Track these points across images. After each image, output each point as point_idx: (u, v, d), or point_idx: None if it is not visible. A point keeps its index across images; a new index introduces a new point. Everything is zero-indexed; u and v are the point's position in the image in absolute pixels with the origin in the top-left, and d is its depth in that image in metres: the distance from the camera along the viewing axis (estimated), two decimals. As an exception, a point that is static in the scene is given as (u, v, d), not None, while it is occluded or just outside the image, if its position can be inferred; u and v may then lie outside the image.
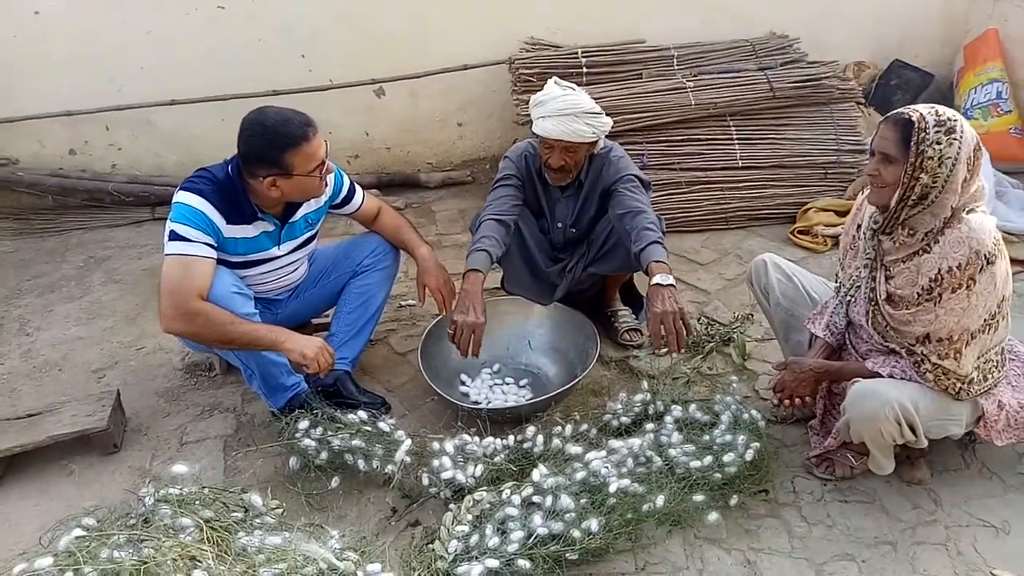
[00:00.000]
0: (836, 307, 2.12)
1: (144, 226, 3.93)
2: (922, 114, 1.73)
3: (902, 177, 1.75)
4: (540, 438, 2.13)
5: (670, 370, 2.56)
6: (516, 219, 2.51)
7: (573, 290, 2.69)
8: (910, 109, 1.78)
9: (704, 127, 3.74)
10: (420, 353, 2.42)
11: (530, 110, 2.40)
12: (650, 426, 2.17)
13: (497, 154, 4.06)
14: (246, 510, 1.88)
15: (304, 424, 2.12)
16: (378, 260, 2.50)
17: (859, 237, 2.03)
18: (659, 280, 2.16)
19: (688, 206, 3.63)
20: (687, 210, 3.62)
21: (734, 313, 2.86)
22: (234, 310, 2.06)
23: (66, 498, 2.13)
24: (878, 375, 1.93)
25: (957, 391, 1.84)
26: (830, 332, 2.13)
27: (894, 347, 1.94)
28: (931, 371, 1.83)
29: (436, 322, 2.53)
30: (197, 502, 1.83)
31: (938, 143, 1.71)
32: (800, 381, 2.05)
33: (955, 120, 1.73)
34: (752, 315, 2.80)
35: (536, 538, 1.78)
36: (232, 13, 3.90)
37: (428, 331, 2.51)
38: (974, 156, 1.74)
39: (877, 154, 1.81)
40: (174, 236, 2.03)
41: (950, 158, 1.71)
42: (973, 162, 1.75)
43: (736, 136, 3.73)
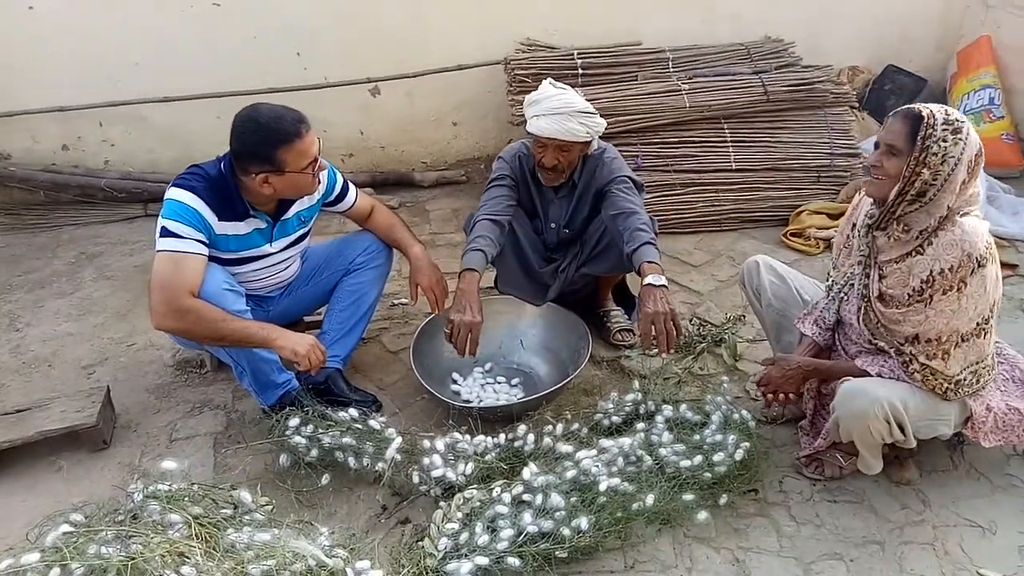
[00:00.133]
0: (827, 304, 2.13)
1: (136, 222, 3.92)
2: (932, 111, 1.76)
3: (904, 170, 1.77)
4: (531, 437, 2.13)
5: (661, 370, 2.56)
6: (510, 219, 2.51)
7: (566, 290, 2.70)
8: (921, 105, 1.80)
9: (698, 129, 3.75)
10: (412, 351, 2.41)
11: (524, 109, 2.41)
12: (641, 425, 2.18)
13: (492, 154, 4.05)
14: (235, 507, 1.88)
15: (295, 421, 2.12)
16: (371, 258, 2.50)
17: (853, 236, 2.04)
18: (651, 281, 2.16)
19: (681, 208, 3.64)
20: (680, 212, 3.63)
21: (726, 314, 2.87)
22: (225, 307, 2.06)
23: (54, 494, 2.12)
24: (867, 374, 1.95)
25: (944, 391, 1.85)
26: (819, 329, 2.14)
27: (883, 346, 1.95)
28: (919, 371, 1.85)
29: (428, 320, 2.53)
30: (186, 498, 1.83)
31: (944, 141, 1.73)
32: (787, 378, 2.06)
33: (962, 122, 1.75)
34: (744, 316, 2.81)
35: (526, 536, 1.79)
36: (228, 10, 3.89)
37: (420, 329, 2.51)
38: (975, 161, 1.76)
39: (882, 145, 1.83)
40: (165, 232, 2.02)
41: (953, 157, 1.73)
42: (973, 166, 1.77)
43: (730, 139, 3.74)
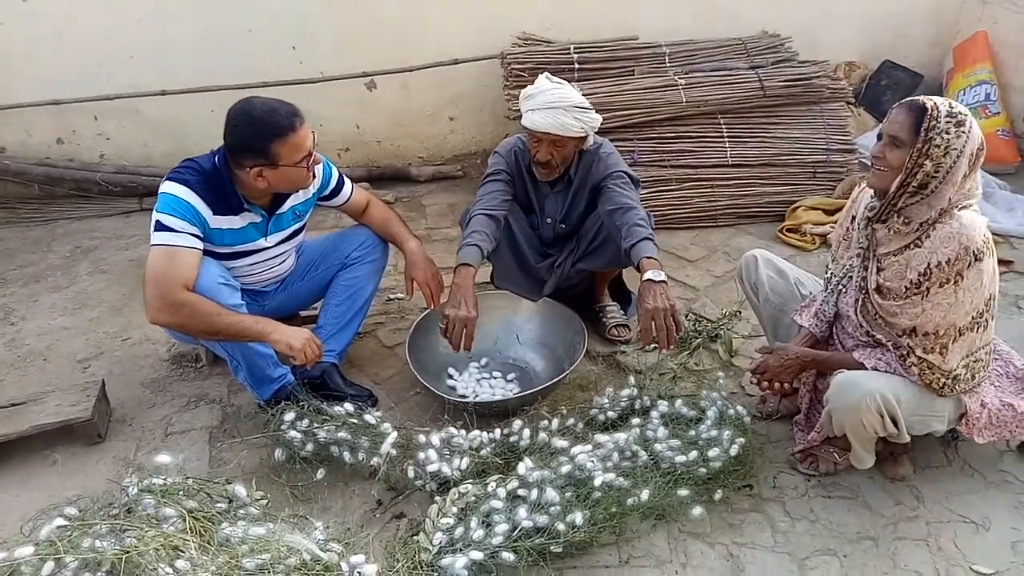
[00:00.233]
0: (826, 297, 2.13)
1: (132, 216, 3.91)
2: (936, 103, 1.76)
3: (907, 162, 1.77)
4: (526, 432, 2.13)
5: (657, 365, 2.56)
6: (506, 214, 2.51)
7: (562, 285, 2.69)
8: (925, 97, 1.80)
9: (695, 124, 3.75)
10: (408, 346, 2.41)
11: (520, 103, 2.40)
12: (636, 421, 2.18)
13: (488, 149, 4.06)
14: (230, 501, 1.88)
15: (290, 416, 2.12)
16: (367, 253, 2.50)
17: (853, 228, 2.04)
18: (651, 276, 2.16)
19: (678, 203, 3.64)
20: (676, 207, 3.63)
21: (722, 310, 2.87)
22: (220, 301, 2.05)
23: (49, 488, 2.11)
24: (863, 367, 1.95)
25: (941, 386, 1.85)
26: (818, 321, 2.14)
27: (881, 338, 1.95)
28: (916, 364, 1.85)
29: (424, 315, 2.53)
30: (181, 492, 1.83)
31: (947, 132, 1.73)
32: (785, 367, 2.06)
33: (966, 115, 1.76)
34: (740, 312, 2.82)
35: (521, 531, 1.79)
36: (223, 3, 3.88)
37: (416, 324, 2.50)
38: (977, 154, 1.77)
39: (885, 136, 1.83)
40: (160, 226, 2.02)
41: (956, 149, 1.73)
42: (975, 159, 1.77)
43: (726, 134, 3.74)
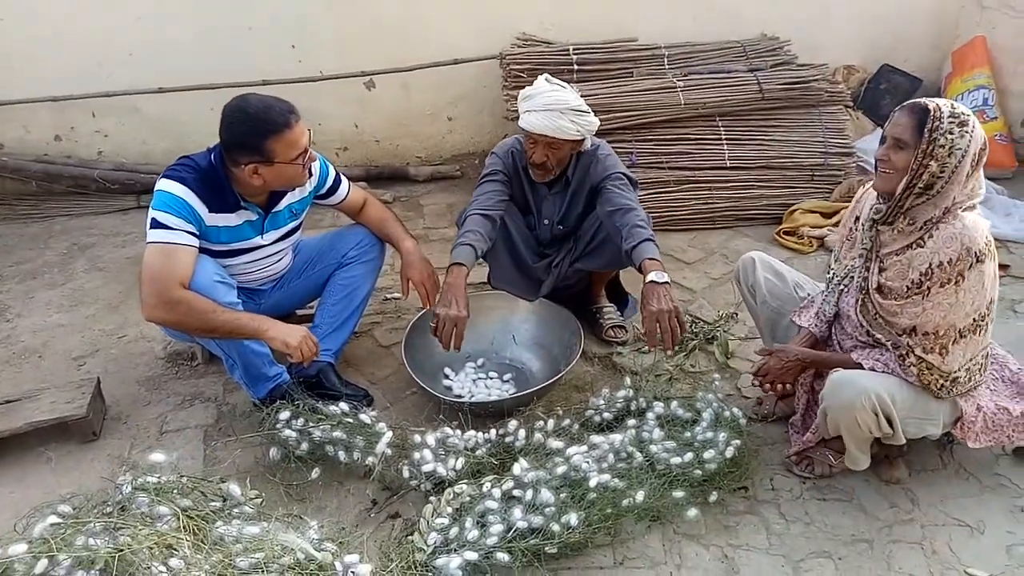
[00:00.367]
0: (827, 296, 2.12)
1: (129, 214, 3.90)
2: (938, 104, 1.77)
3: (911, 163, 1.77)
4: (522, 432, 2.13)
5: (653, 367, 2.56)
6: (502, 214, 2.50)
7: (559, 286, 2.69)
8: (927, 99, 1.81)
9: (693, 127, 3.75)
10: (404, 346, 2.41)
11: (518, 104, 2.40)
12: (632, 422, 2.18)
13: (487, 149, 4.04)
14: (224, 499, 1.88)
15: (285, 415, 2.12)
16: (363, 252, 2.50)
17: (856, 229, 2.04)
18: (654, 278, 2.15)
19: (675, 205, 3.64)
20: (674, 209, 3.63)
21: (718, 312, 2.87)
22: (217, 299, 2.05)
23: (43, 485, 2.11)
24: (862, 367, 1.94)
25: (939, 387, 1.85)
26: (818, 321, 2.14)
27: (880, 338, 1.94)
28: (915, 364, 1.84)
29: (420, 315, 2.53)
30: (175, 491, 1.82)
31: (950, 133, 1.74)
32: (786, 369, 2.06)
33: (968, 116, 1.76)
34: (736, 314, 2.82)
35: (516, 531, 1.79)
36: (223, 1, 3.87)
37: (412, 324, 2.50)
38: (980, 154, 1.77)
39: (889, 139, 1.83)
40: (155, 224, 2.02)
41: (960, 149, 1.74)
42: (978, 159, 1.78)
43: (724, 136, 3.74)
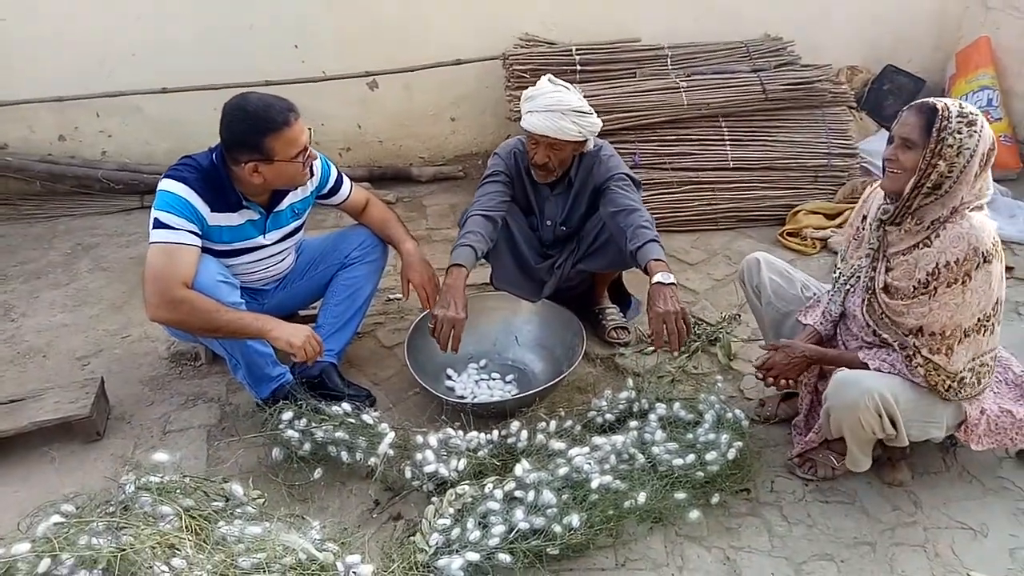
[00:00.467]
0: (833, 295, 2.12)
1: (133, 214, 3.91)
2: (946, 104, 1.76)
3: (920, 163, 1.77)
4: (524, 433, 2.13)
5: (655, 368, 2.56)
6: (504, 215, 2.50)
7: (562, 287, 2.69)
8: (935, 99, 1.80)
9: (696, 127, 3.74)
10: (407, 347, 2.41)
11: (521, 104, 2.40)
12: (634, 424, 2.18)
13: (489, 150, 4.04)
14: (227, 499, 1.88)
15: (288, 415, 2.12)
16: (366, 253, 2.50)
17: (864, 228, 2.04)
18: (660, 279, 2.15)
19: (678, 206, 3.63)
20: (677, 210, 3.63)
21: (721, 313, 2.87)
22: (220, 299, 2.05)
23: (47, 485, 2.11)
24: (867, 367, 1.94)
25: (947, 388, 1.84)
26: (824, 320, 2.13)
27: (887, 337, 1.94)
28: (922, 365, 1.84)
29: (423, 316, 2.52)
30: (178, 491, 1.83)
31: (959, 132, 1.73)
32: (792, 364, 2.06)
33: (976, 115, 1.76)
34: (739, 315, 2.81)
35: (517, 532, 1.79)
36: (225, 2, 3.87)
37: (415, 325, 2.50)
38: (988, 154, 1.77)
39: (897, 139, 1.82)
40: (158, 224, 2.02)
41: (968, 149, 1.73)
42: (986, 159, 1.77)
43: (728, 137, 3.73)
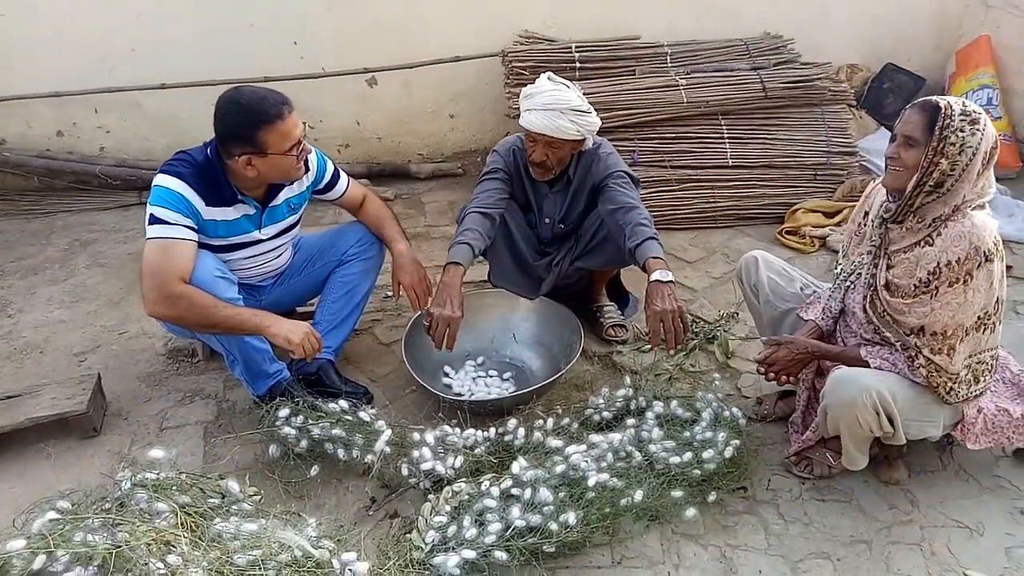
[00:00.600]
0: (834, 291, 2.12)
1: (131, 210, 3.90)
2: (949, 102, 1.76)
3: (922, 161, 1.76)
4: (521, 431, 2.13)
5: (653, 366, 2.56)
6: (502, 212, 2.50)
7: (560, 284, 2.69)
8: (938, 97, 1.80)
9: (695, 125, 3.73)
10: (404, 344, 2.41)
11: (520, 102, 2.39)
12: (631, 421, 2.18)
13: (488, 147, 4.04)
14: (223, 496, 1.88)
15: (285, 412, 2.12)
16: (364, 250, 2.49)
17: (865, 224, 2.04)
18: (659, 277, 2.14)
19: (677, 204, 3.63)
20: (676, 208, 3.62)
21: (719, 311, 2.87)
22: (217, 294, 2.05)
23: (43, 481, 2.11)
24: (868, 365, 1.93)
25: (948, 391, 1.84)
26: (824, 315, 2.13)
27: (888, 336, 1.93)
28: (924, 366, 1.84)
29: (420, 313, 2.52)
30: (174, 487, 1.83)
31: (961, 131, 1.73)
32: (795, 360, 2.06)
33: (979, 114, 1.76)
34: (737, 313, 2.81)
35: (514, 530, 1.79)
36: (225, 0, 3.86)
37: (413, 322, 2.50)
38: (990, 153, 1.76)
39: (899, 137, 1.82)
40: (154, 219, 2.02)
41: (971, 147, 1.73)
42: (989, 158, 1.77)
43: (727, 135, 3.72)
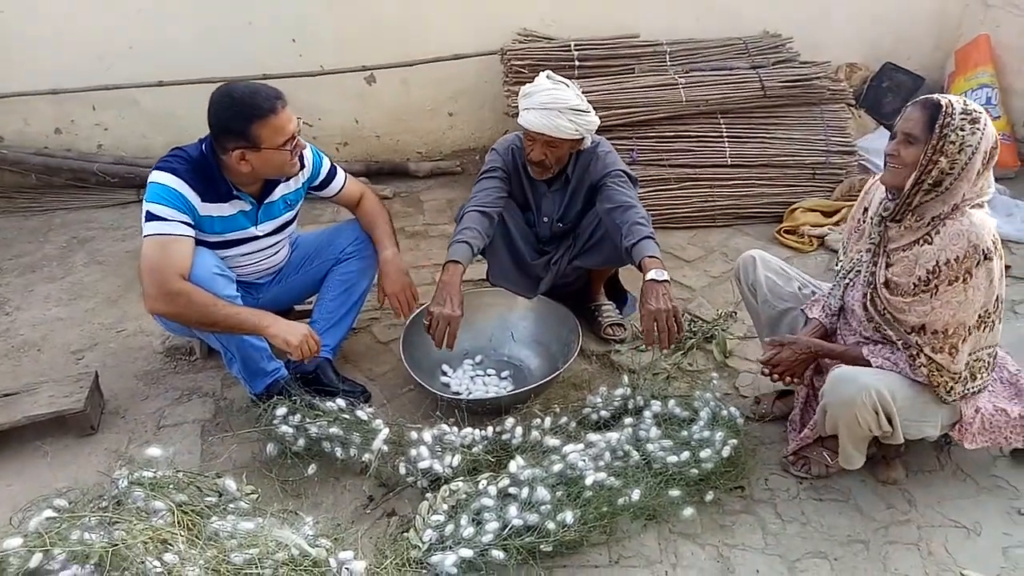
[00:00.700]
0: (833, 289, 2.12)
1: (129, 208, 3.89)
2: (950, 101, 1.76)
3: (921, 159, 1.76)
4: (519, 430, 2.13)
5: (651, 365, 2.55)
6: (500, 211, 2.50)
7: (558, 283, 2.69)
8: (939, 95, 1.80)
9: (694, 124, 3.73)
10: (402, 343, 2.41)
11: (519, 101, 2.39)
12: (629, 420, 2.18)
13: (487, 145, 4.03)
14: (220, 495, 1.88)
15: (282, 410, 2.12)
16: (362, 248, 2.49)
17: (865, 221, 2.04)
18: (654, 276, 2.14)
19: (676, 202, 3.62)
20: (674, 206, 3.62)
21: (717, 310, 2.87)
22: (216, 292, 2.05)
23: (40, 479, 2.11)
24: (870, 364, 1.93)
25: (948, 391, 1.84)
26: (824, 312, 2.13)
27: (890, 334, 1.93)
28: (925, 365, 1.84)
29: (419, 311, 2.52)
30: (171, 486, 1.83)
31: (961, 129, 1.73)
32: (799, 360, 2.05)
33: (980, 113, 1.76)
34: (735, 313, 2.81)
35: (511, 529, 1.79)
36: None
37: (411, 320, 2.49)
38: (990, 152, 1.76)
39: (900, 134, 1.82)
40: (150, 216, 2.01)
41: (971, 146, 1.73)
42: (988, 157, 1.77)
43: (726, 134, 3.72)
